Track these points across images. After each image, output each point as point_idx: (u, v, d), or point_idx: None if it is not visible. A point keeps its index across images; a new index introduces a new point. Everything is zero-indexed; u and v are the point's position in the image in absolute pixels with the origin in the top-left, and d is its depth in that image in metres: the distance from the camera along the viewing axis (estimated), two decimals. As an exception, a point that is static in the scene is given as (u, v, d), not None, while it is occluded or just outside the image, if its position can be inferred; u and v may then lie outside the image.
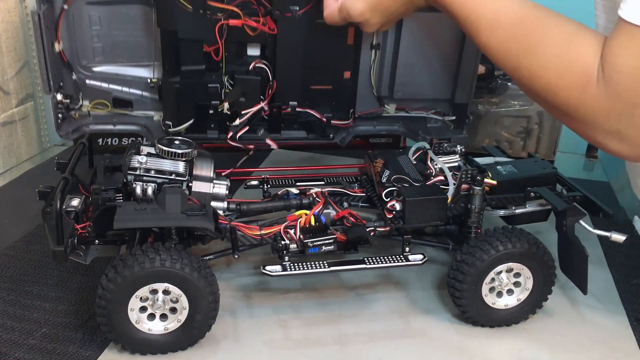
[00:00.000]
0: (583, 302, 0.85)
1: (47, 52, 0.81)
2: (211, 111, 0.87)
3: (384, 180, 0.81)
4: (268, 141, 0.86)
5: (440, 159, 0.85)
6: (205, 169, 0.79)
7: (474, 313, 0.78)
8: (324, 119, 0.91)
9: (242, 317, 0.81)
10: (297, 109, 0.89)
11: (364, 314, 0.82)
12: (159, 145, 0.77)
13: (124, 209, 0.71)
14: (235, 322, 0.80)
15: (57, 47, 0.84)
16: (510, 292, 0.79)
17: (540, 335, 0.79)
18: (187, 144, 0.79)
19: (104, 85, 0.89)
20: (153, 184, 0.75)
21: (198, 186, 0.77)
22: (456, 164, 0.86)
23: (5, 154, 1.29)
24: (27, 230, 1.02)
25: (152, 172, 0.76)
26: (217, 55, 0.84)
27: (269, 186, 0.89)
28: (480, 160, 0.88)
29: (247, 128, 0.87)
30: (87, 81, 0.89)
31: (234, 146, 0.87)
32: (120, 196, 0.77)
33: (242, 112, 0.86)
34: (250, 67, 0.86)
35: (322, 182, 0.91)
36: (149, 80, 0.90)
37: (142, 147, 0.80)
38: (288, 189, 0.85)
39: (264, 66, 0.86)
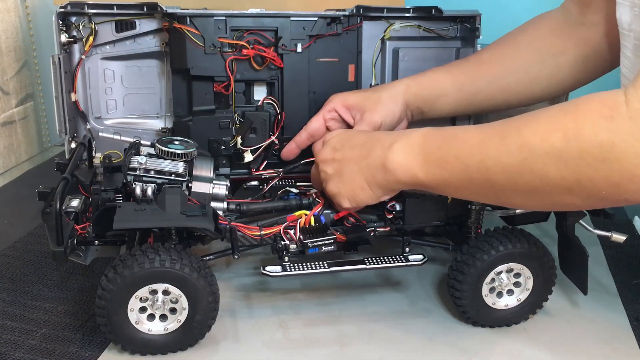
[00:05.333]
0: (583, 302, 0.85)
1: (65, 96, 0.85)
2: (222, 147, 0.91)
3: (384, 180, 0.81)
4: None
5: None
6: (205, 170, 0.79)
7: (474, 313, 0.78)
8: None
9: (242, 317, 0.81)
10: None
11: (364, 314, 0.82)
12: (159, 146, 0.77)
13: (124, 210, 0.70)
14: (235, 322, 0.80)
15: (73, 96, 0.89)
16: (510, 292, 0.79)
17: (540, 335, 0.79)
18: (186, 144, 0.79)
19: (116, 137, 0.94)
20: (153, 185, 0.75)
21: (198, 186, 0.77)
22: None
23: (5, 154, 1.29)
24: (27, 230, 1.03)
25: (152, 172, 0.76)
26: (226, 90, 0.89)
27: (268, 186, 0.89)
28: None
29: (265, 162, 0.93)
30: (100, 133, 0.93)
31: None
32: (120, 197, 0.77)
33: (255, 147, 0.91)
34: (260, 102, 0.91)
35: None
36: (160, 128, 0.94)
37: (141, 148, 0.80)
38: (288, 189, 0.85)
39: (271, 102, 0.91)
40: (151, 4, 0.86)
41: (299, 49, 0.89)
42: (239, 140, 0.90)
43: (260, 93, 0.92)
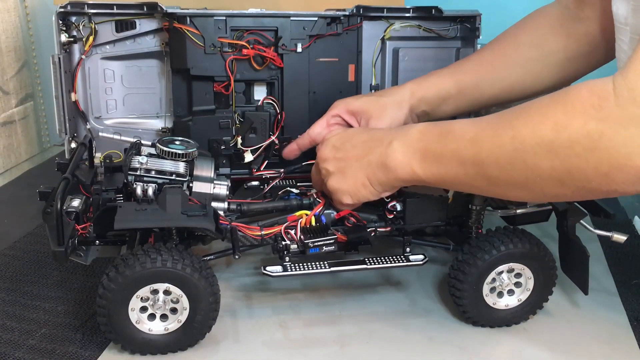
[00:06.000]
0: (583, 303, 0.85)
1: (65, 95, 0.85)
2: (222, 147, 0.91)
3: (384, 180, 0.81)
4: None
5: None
6: (205, 170, 0.79)
7: (475, 313, 0.78)
8: None
9: (242, 317, 0.81)
10: None
11: (364, 314, 0.82)
12: (159, 146, 0.77)
13: (125, 210, 0.70)
14: (236, 322, 0.80)
15: (74, 96, 0.88)
16: (511, 292, 0.79)
17: (540, 335, 0.79)
18: (187, 144, 0.79)
19: (116, 137, 0.94)
20: (154, 185, 0.75)
21: (199, 186, 0.77)
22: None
23: (5, 154, 1.29)
24: (27, 230, 1.02)
25: (153, 172, 0.76)
26: (227, 90, 0.89)
27: (269, 187, 0.89)
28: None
29: (266, 162, 0.93)
30: (100, 133, 0.93)
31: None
32: (120, 197, 0.77)
33: (255, 147, 0.91)
34: (260, 102, 0.91)
35: None
36: (160, 128, 0.94)
37: (142, 148, 0.80)
38: (289, 189, 0.85)
39: (271, 102, 0.91)
40: (151, 4, 0.86)
41: (299, 49, 0.89)
42: (239, 140, 0.90)
43: (260, 93, 0.92)
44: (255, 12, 0.87)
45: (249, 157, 0.91)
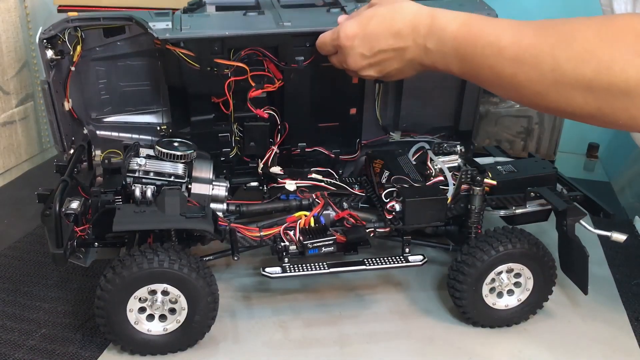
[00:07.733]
0: (583, 302, 0.85)
1: (59, 115, 0.83)
2: (222, 158, 0.89)
3: (383, 181, 0.81)
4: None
5: (439, 159, 0.85)
6: (204, 171, 0.79)
7: (475, 313, 0.78)
8: (332, 155, 0.92)
9: (242, 317, 0.81)
10: (306, 149, 0.91)
11: (364, 314, 0.82)
12: (158, 147, 0.77)
13: (123, 212, 0.70)
14: (235, 322, 0.80)
15: (67, 105, 0.86)
16: (510, 292, 0.79)
17: (540, 335, 0.79)
18: (186, 146, 0.79)
19: (114, 134, 0.91)
20: (152, 186, 0.75)
21: (197, 188, 0.77)
22: (456, 164, 0.86)
23: (5, 154, 1.29)
24: (27, 230, 1.02)
25: (151, 174, 0.76)
26: (226, 108, 0.85)
27: (268, 187, 0.89)
28: (480, 160, 0.88)
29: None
30: (98, 132, 0.91)
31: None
32: (119, 198, 0.77)
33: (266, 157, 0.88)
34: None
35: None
36: (158, 128, 0.92)
37: (141, 149, 0.80)
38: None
39: (271, 111, 0.88)
40: (141, 24, 0.80)
41: (301, 65, 0.84)
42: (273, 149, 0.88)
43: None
44: (254, 33, 0.81)
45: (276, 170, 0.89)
